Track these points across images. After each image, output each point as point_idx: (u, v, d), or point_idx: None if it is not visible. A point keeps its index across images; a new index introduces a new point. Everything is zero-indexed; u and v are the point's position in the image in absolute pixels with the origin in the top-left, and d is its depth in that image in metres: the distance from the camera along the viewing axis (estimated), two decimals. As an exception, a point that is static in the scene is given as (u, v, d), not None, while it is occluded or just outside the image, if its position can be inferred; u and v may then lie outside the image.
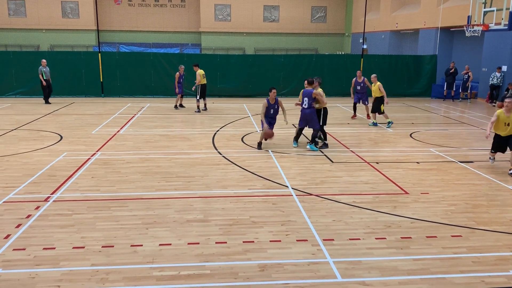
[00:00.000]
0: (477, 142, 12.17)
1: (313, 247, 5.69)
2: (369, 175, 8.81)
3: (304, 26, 38.95)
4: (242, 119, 15.16)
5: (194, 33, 38.58)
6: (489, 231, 6.27)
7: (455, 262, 5.35)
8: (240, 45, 38.36)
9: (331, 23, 39.43)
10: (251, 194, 7.62)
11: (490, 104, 19.76)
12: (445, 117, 16.31)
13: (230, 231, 6.11)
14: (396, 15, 29.57)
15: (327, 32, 39.39)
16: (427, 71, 22.08)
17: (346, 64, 21.75)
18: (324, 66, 21.51)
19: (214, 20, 37.98)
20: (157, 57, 20.67)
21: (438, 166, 9.56)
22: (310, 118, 10.59)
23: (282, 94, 21.32)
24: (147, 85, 20.51)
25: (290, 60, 21.64)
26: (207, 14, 37.72)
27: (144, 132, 12.66)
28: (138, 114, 15.84)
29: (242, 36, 38.41)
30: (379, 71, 21.64)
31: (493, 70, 19.86)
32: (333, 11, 39.24)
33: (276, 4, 38.40)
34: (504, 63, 19.42)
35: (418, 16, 26.25)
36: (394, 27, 29.48)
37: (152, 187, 7.91)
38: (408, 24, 27.59)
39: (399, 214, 6.81)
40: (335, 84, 20.83)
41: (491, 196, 7.75)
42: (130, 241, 5.78)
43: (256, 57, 22.91)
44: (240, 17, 38.05)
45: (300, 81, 21.13)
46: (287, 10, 38.49)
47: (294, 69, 21.28)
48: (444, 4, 23.45)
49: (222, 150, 10.67)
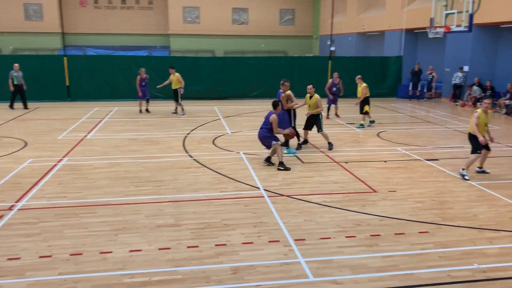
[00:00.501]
0: (442, 140, 12.54)
1: (285, 247, 5.73)
2: (339, 175, 8.95)
3: (273, 28, 39.19)
4: (213, 121, 15.11)
5: (163, 35, 38.19)
6: (454, 227, 6.47)
7: (423, 258, 5.49)
8: (210, 48, 38.22)
9: (299, 26, 39.83)
10: (223, 196, 7.60)
11: (453, 103, 20.41)
12: (411, 117, 16.74)
13: (202, 235, 6.08)
14: (363, 18, 30.15)
15: (295, 35, 39.76)
16: (393, 72, 22.61)
17: (315, 66, 22.02)
18: (294, 68, 21.69)
19: (183, 23, 37.71)
20: (125, 60, 20.37)
21: (404, 164, 9.80)
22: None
23: (252, 96, 21.41)
24: (115, 88, 20.16)
25: (260, 62, 21.74)
26: (176, 16, 37.42)
27: (112, 137, 12.43)
28: (106, 118, 15.55)
29: (212, 39, 38.29)
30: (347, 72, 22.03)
31: (455, 70, 20.52)
32: (301, 13, 39.66)
33: (245, 7, 38.49)
34: (466, 64, 20.10)
35: (383, 19, 26.85)
36: (361, 29, 30.04)
37: (121, 193, 7.78)
38: (374, 26, 28.18)
39: (368, 212, 6.95)
40: (305, 85, 20.99)
41: (455, 192, 8.00)
42: (99, 248, 5.66)
43: (226, 60, 22.92)
44: (209, 20, 37.93)
45: (270, 83, 21.32)
46: (256, 13, 38.64)
47: (264, 71, 21.37)
48: (408, 6, 24.08)
49: (193, 153, 10.60)
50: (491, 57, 19.70)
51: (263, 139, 9.60)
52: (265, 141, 9.61)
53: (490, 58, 19.70)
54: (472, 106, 19.16)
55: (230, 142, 11.78)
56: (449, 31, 16.36)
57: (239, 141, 11.96)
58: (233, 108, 18.44)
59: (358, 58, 23.55)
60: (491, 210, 7.15)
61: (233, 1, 38.26)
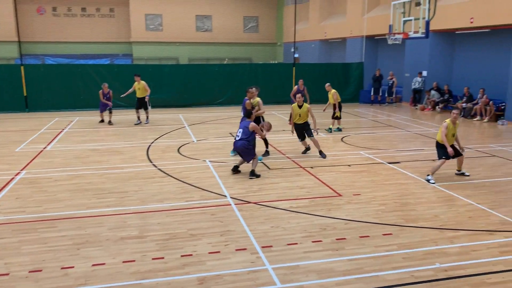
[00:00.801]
0: (403, 143, 12.88)
1: (252, 255, 5.71)
2: (305, 180, 9.02)
3: (237, 35, 39.33)
4: (178, 129, 14.94)
5: (125, 43, 37.59)
6: (417, 228, 6.63)
7: (387, 260, 5.59)
8: (174, 55, 37.92)
9: (263, 33, 40.15)
10: (188, 206, 7.51)
11: (413, 107, 21.05)
12: (373, 121, 17.13)
13: (167, 246, 5.97)
14: (325, 25, 30.72)
15: (259, 42, 40.05)
16: (355, 77, 23.12)
17: (279, 73, 22.23)
18: (258, 75, 21.81)
19: (146, 30, 37.26)
20: (86, 68, 19.90)
21: (368, 168, 10.00)
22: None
23: (217, 103, 21.35)
24: (76, 98, 19.65)
25: (225, 69, 21.74)
26: (138, 24, 36.94)
27: (73, 148, 12.08)
28: (66, 128, 15.10)
29: (175, 46, 38.00)
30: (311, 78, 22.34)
31: (414, 75, 21.21)
32: (265, 21, 40.01)
33: (208, 14, 38.46)
34: (424, 69, 20.81)
35: (345, 26, 27.45)
36: (323, 36, 30.60)
37: (83, 205, 7.54)
38: (336, 33, 28.76)
39: (334, 216, 7.03)
40: (270, 92, 21.18)
41: (417, 194, 8.22)
42: (60, 264, 5.46)
43: (190, 67, 22.77)
44: (172, 27, 37.66)
45: (235, 90, 21.34)
46: (220, 20, 38.68)
47: (229, 78, 21.39)
48: (368, 14, 24.73)
49: (157, 162, 10.43)
50: (448, 62, 20.48)
51: (244, 152, 9.18)
52: (246, 153, 9.22)
53: (447, 63, 20.49)
54: (431, 109, 19.82)
55: (196, 150, 11.68)
56: (407, 37, 16.90)
57: (205, 149, 11.87)
58: (199, 115, 18.33)
59: (322, 65, 23.96)
60: (451, 210, 7.37)
61: (196, 9, 38.17)
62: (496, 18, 16.29)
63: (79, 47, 36.34)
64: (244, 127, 9.36)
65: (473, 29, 18.24)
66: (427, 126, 15.75)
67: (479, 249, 5.89)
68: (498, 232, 6.47)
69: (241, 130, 9.35)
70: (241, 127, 9.43)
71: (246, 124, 9.40)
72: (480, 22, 17.03)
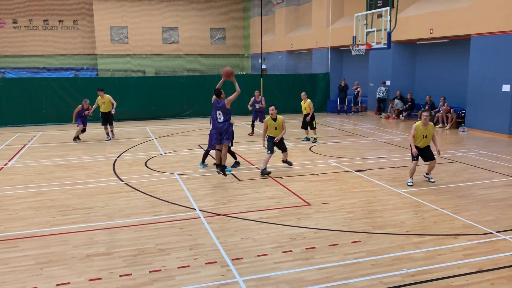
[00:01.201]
0: (369, 152, 13.14)
1: (222, 268, 5.66)
2: (274, 190, 9.05)
3: (204, 47, 39.38)
4: (145, 142, 14.73)
5: (90, 56, 36.98)
6: (384, 234, 6.75)
7: (356, 267, 5.66)
8: (140, 67, 37.56)
9: (230, 44, 40.36)
10: (157, 220, 7.38)
11: (378, 116, 21.56)
12: (340, 130, 17.42)
13: (135, 262, 5.84)
14: (291, 36, 31.19)
15: (227, 53, 40.22)
16: (321, 88, 23.50)
17: (247, 84, 22.28)
18: (226, 86, 21.73)
19: (111, 42, 36.80)
20: (49, 82, 19.38)
21: (336, 176, 10.14)
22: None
23: (186, 115, 21.22)
24: (39, 112, 19.09)
25: (192, 81, 21.65)
26: (103, 36, 36.44)
27: (36, 164, 11.70)
28: (28, 144, 14.62)
29: (141, 58, 37.67)
30: (278, 89, 22.59)
31: (378, 84, 21.76)
32: (232, 32, 40.26)
33: (174, 26, 38.37)
34: (388, 78, 21.40)
35: (310, 37, 27.95)
36: (290, 47, 31.04)
37: (46, 223, 7.30)
38: (302, 44, 29.23)
39: (303, 226, 7.07)
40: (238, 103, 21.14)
41: (384, 201, 8.38)
42: (22, 285, 5.24)
43: (157, 79, 22.54)
44: (138, 39, 37.34)
45: (203, 101, 21.29)
46: (186, 32, 38.65)
47: (197, 90, 21.30)
48: (332, 25, 25.28)
49: (124, 176, 10.23)
50: (410, 71, 21.15)
51: (228, 132, 9.44)
52: (229, 134, 9.49)
53: (409, 72, 21.15)
54: (395, 118, 20.35)
55: (164, 163, 11.54)
56: (370, 48, 17.36)
57: (173, 162, 11.75)
58: (166, 128, 18.14)
59: (289, 76, 24.25)
60: (416, 216, 7.56)
61: (162, 20, 38.02)
62: (454, 29, 16.99)
63: (41, 60, 35.49)
64: (221, 107, 9.41)
65: (433, 39, 18.94)
66: (392, 134, 16.15)
67: (444, 253, 6.05)
68: (462, 235, 6.67)
69: (220, 112, 9.45)
70: (219, 109, 9.46)
71: (222, 103, 9.40)
72: (439, 33, 17.72)
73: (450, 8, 17.21)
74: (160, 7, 37.47)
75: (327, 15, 25.51)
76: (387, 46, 16.34)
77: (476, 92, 16.25)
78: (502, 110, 15.28)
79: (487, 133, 15.87)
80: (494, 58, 15.35)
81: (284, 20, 31.90)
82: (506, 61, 14.92)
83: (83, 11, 36.17)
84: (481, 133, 15.96)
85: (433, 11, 18.07)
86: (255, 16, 37.06)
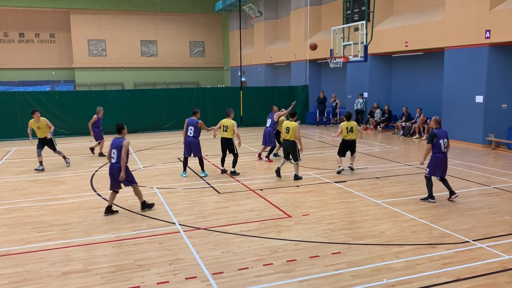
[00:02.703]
0: (348, 162, 13.24)
1: (203, 283, 5.59)
2: (255, 203, 9.03)
3: (184, 60, 39.36)
4: (124, 156, 14.51)
5: (67, 69, 36.52)
6: (364, 245, 6.79)
7: (337, 279, 5.67)
8: (118, 80, 37.25)
9: (210, 57, 40.45)
10: (135, 235, 7.26)
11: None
12: (319, 142, 17.56)
13: (113, 279, 5.71)
14: (270, 49, 31.47)
15: (206, 66, 40.28)
16: (300, 100, 23.72)
17: (226, 96, 22.39)
18: (206, 99, 21.84)
19: (88, 56, 36.45)
20: (24, 96, 19.03)
21: (315, 187, 10.19)
22: (194, 147, 11.12)
23: (165, 128, 21.09)
24: (14, 127, 18.68)
25: (172, 94, 21.58)
26: (80, 49, 36.08)
27: (10, 179, 11.41)
28: (3, 159, 14.27)
29: (120, 71, 37.39)
30: (258, 101, 22.69)
31: (356, 96, 22.08)
32: (211, 45, 40.39)
33: (153, 39, 38.28)
34: (365, 90, 21.75)
35: (289, 50, 28.26)
36: (269, 60, 31.29)
37: (21, 240, 7.10)
38: (280, 57, 29.52)
39: (284, 238, 7.05)
40: (218, 115, 21.23)
41: (363, 211, 8.45)
42: (-6, 306, 5.07)
43: (135, 92, 22.37)
44: (116, 52, 37.10)
45: (183, 114, 21.24)
46: (165, 45, 38.59)
47: (176, 103, 21.25)
48: (310, 38, 25.63)
49: (102, 191, 10.06)
50: (386, 83, 21.55)
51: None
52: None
53: (386, 84, 21.55)
54: (373, 129, 20.64)
55: (143, 177, 11.40)
56: (348, 61, 17.64)
57: (152, 175, 11.62)
58: (145, 141, 17.98)
59: (268, 88, 24.41)
60: (395, 226, 7.63)
61: (141, 34, 37.91)
62: (428, 42, 17.44)
63: (16, 73, 34.86)
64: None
65: (408, 52, 19.38)
66: (370, 145, 16.36)
67: (423, 263, 6.11)
68: (440, 245, 6.76)
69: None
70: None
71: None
72: (414, 46, 18.15)
73: (424, 22, 17.68)
74: (139, 20, 37.39)
75: (305, 28, 25.88)
76: (363, 59, 16.64)
77: (450, 103, 16.65)
78: (475, 121, 15.68)
79: (462, 143, 16.23)
80: (467, 70, 15.79)
81: (263, 34, 32.20)
82: (479, 73, 15.36)
83: (60, 24, 35.79)
84: (456, 143, 16.33)
85: (407, 25, 18.53)
86: (234, 29, 37.31)
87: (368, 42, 16.60)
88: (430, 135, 8.85)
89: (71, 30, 35.74)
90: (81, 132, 18.92)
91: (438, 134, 8.82)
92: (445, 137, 8.89)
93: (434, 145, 8.81)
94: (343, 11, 19.20)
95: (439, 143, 8.80)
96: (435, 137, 8.78)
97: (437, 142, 8.78)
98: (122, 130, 8.37)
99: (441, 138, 8.82)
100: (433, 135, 8.79)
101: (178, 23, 38.68)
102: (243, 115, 21.94)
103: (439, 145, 8.81)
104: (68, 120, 19.35)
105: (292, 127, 10.76)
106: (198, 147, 11.16)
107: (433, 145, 8.81)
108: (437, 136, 8.79)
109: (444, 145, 8.86)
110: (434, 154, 8.89)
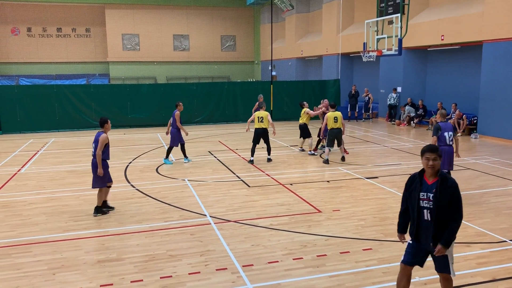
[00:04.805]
0: (380, 158, 13.06)
1: (233, 274, 5.65)
2: (284, 197, 9.03)
3: (215, 54, 39.63)
4: (156, 149, 14.83)
5: (102, 63, 37.43)
6: (396, 242, 6.68)
7: (368, 275, 5.61)
8: (151, 74, 37.90)
9: (241, 52, 40.56)
10: (167, 226, 7.41)
11: (389, 123, 21.44)
12: (351, 137, 17.35)
13: (146, 268, 5.86)
14: (301, 43, 31.24)
15: (237, 60, 40.42)
16: (331, 94, 23.46)
17: (257, 91, 22.35)
18: (237, 93, 21.93)
19: (123, 50, 37.23)
20: (61, 89, 19.63)
21: (346, 183, 10.09)
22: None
23: (196, 122, 21.33)
24: (51, 119, 19.32)
25: (203, 88, 21.78)
26: (115, 44, 36.89)
27: (48, 170, 11.84)
28: (41, 150, 14.80)
29: (153, 65, 38.02)
30: (288, 96, 22.59)
31: (389, 91, 21.66)
32: (242, 40, 40.47)
33: (185, 33, 38.69)
34: (399, 85, 21.30)
35: (320, 44, 27.97)
36: (300, 54, 31.08)
37: (59, 228, 7.37)
38: (312, 51, 29.26)
39: (314, 233, 7.03)
40: (248, 109, 21.30)
41: (395, 208, 8.30)
42: (34, 290, 5.29)
43: (168, 86, 22.68)
44: (149, 46, 37.72)
45: (214, 108, 21.44)
46: (197, 39, 38.94)
47: (207, 97, 21.44)
48: (342, 32, 25.28)
49: (135, 182, 10.30)
50: (421, 78, 21.03)
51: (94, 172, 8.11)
52: None
53: (420, 78, 21.03)
54: (406, 125, 20.22)
55: (175, 170, 11.59)
56: (381, 54, 17.32)
57: (184, 168, 11.80)
58: (177, 134, 18.20)
59: (299, 82, 24.25)
60: (428, 223, 7.46)
61: (173, 28, 38.37)
62: (465, 36, 16.89)
63: (54, 67, 36.00)
64: (96, 140, 8.98)
65: (444, 46, 18.83)
66: (403, 141, 16.05)
67: (457, 262, 5.96)
68: (475, 244, 6.59)
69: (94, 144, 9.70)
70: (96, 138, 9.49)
71: (98, 135, 9.70)
72: (450, 39, 17.62)
73: (461, 15, 17.12)
74: (172, 15, 37.85)
75: (338, 21, 25.54)
76: (398, 53, 16.29)
77: (488, 98, 16.10)
78: (515, 117, 15.11)
79: (500, 140, 15.69)
80: (507, 64, 15.21)
81: (294, 27, 31.98)
82: (519, 68, 14.78)
83: (96, 19, 36.70)
84: (493, 140, 15.79)
85: (444, 18, 17.99)
86: (265, 23, 37.23)
87: (402, 35, 16.24)
88: (435, 128, 8.90)
89: (106, 25, 36.57)
90: (115, 125, 19.36)
91: (443, 127, 8.85)
92: (451, 130, 8.90)
93: (439, 138, 8.82)
94: (377, 4, 18.83)
95: (444, 136, 8.81)
96: (439, 129, 8.82)
97: (441, 135, 8.80)
98: (104, 124, 7.98)
99: (446, 131, 8.83)
100: (438, 128, 8.83)
101: (210, 17, 38.93)
102: (273, 109, 21.92)
103: (444, 138, 8.82)
104: (102, 113, 19.78)
105: (339, 116, 12.08)
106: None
107: (438, 138, 8.81)
108: (442, 129, 8.82)
109: (450, 138, 8.87)
110: (440, 147, 8.74)
